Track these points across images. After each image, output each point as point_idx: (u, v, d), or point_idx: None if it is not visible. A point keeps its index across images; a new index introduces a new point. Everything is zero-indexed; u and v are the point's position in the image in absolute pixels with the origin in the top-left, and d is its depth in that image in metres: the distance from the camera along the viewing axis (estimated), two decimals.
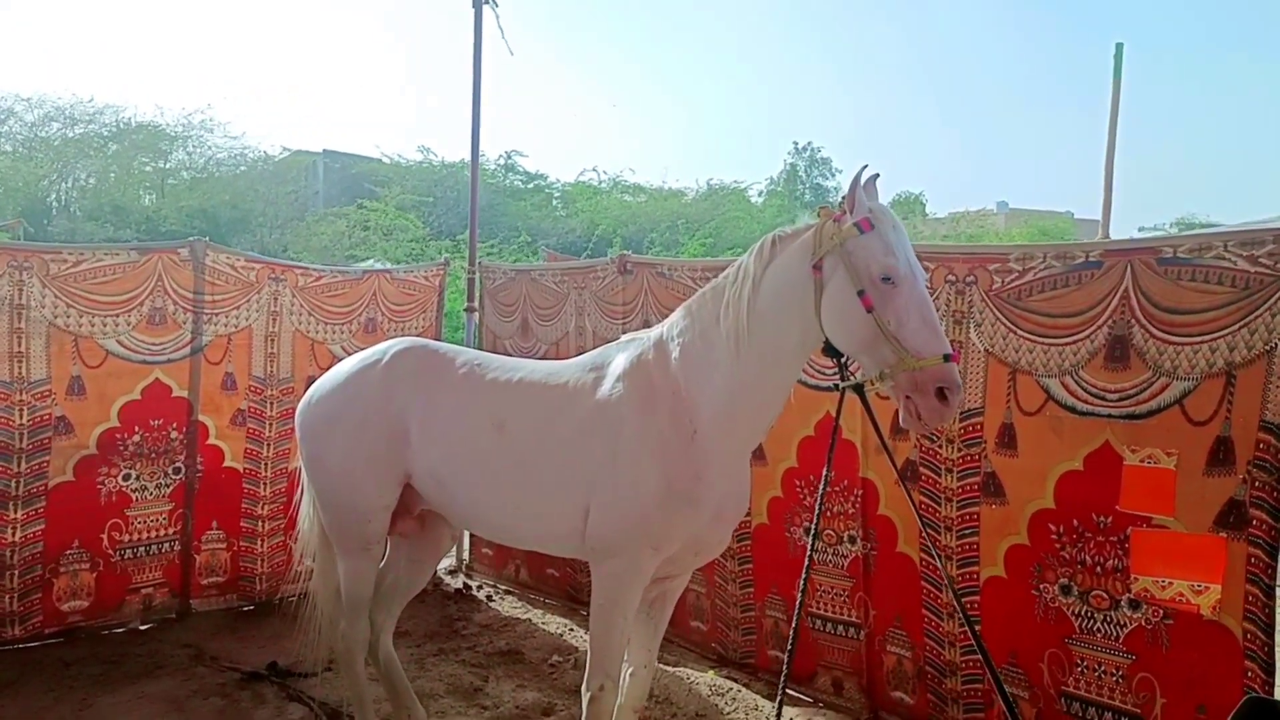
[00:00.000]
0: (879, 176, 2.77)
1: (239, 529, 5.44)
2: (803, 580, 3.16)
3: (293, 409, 4.27)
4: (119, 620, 5.09)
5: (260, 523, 5.49)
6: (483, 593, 6.06)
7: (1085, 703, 3.41)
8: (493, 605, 5.84)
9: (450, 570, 6.41)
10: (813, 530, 3.21)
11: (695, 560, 3.30)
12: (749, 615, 4.68)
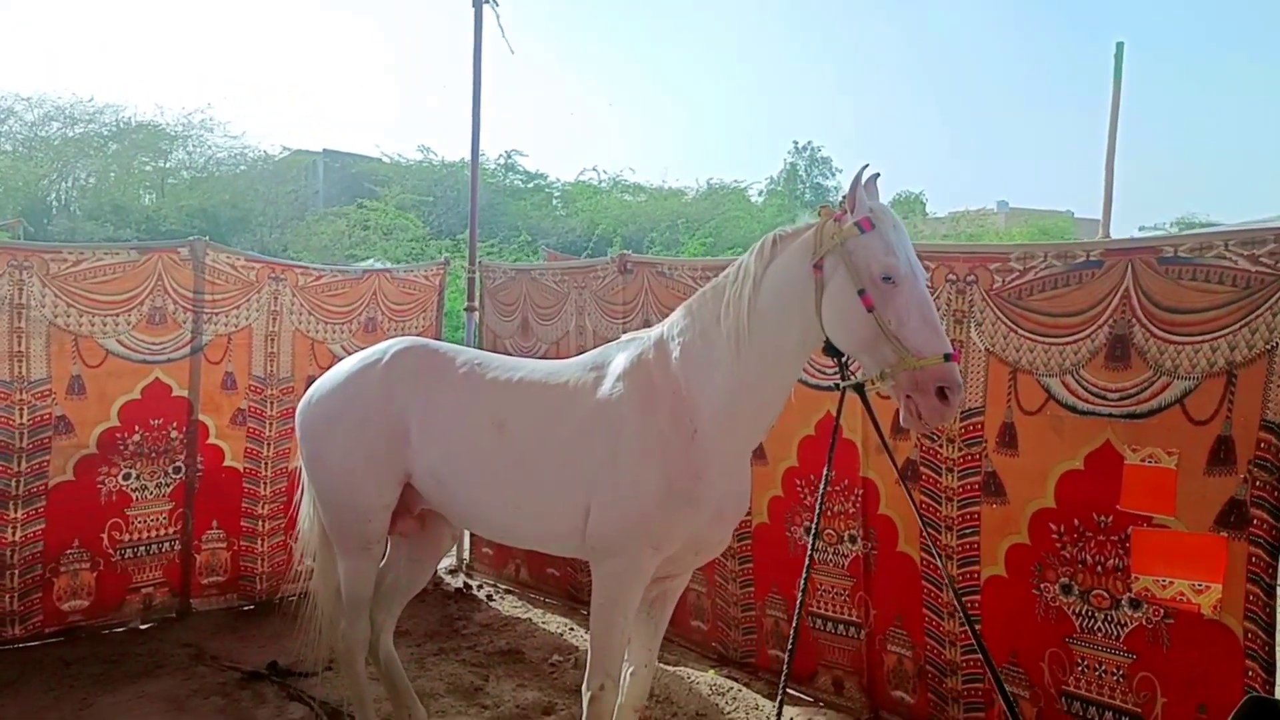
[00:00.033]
0: (879, 176, 2.77)
1: (239, 528, 5.44)
2: (803, 579, 3.16)
3: (293, 408, 4.27)
4: (119, 620, 5.09)
5: (260, 522, 5.49)
6: (483, 592, 6.06)
7: (1086, 702, 3.41)
8: (493, 605, 5.84)
9: (450, 570, 6.41)
10: (813, 529, 3.21)
11: (696, 560, 3.30)
12: (749, 614, 4.68)
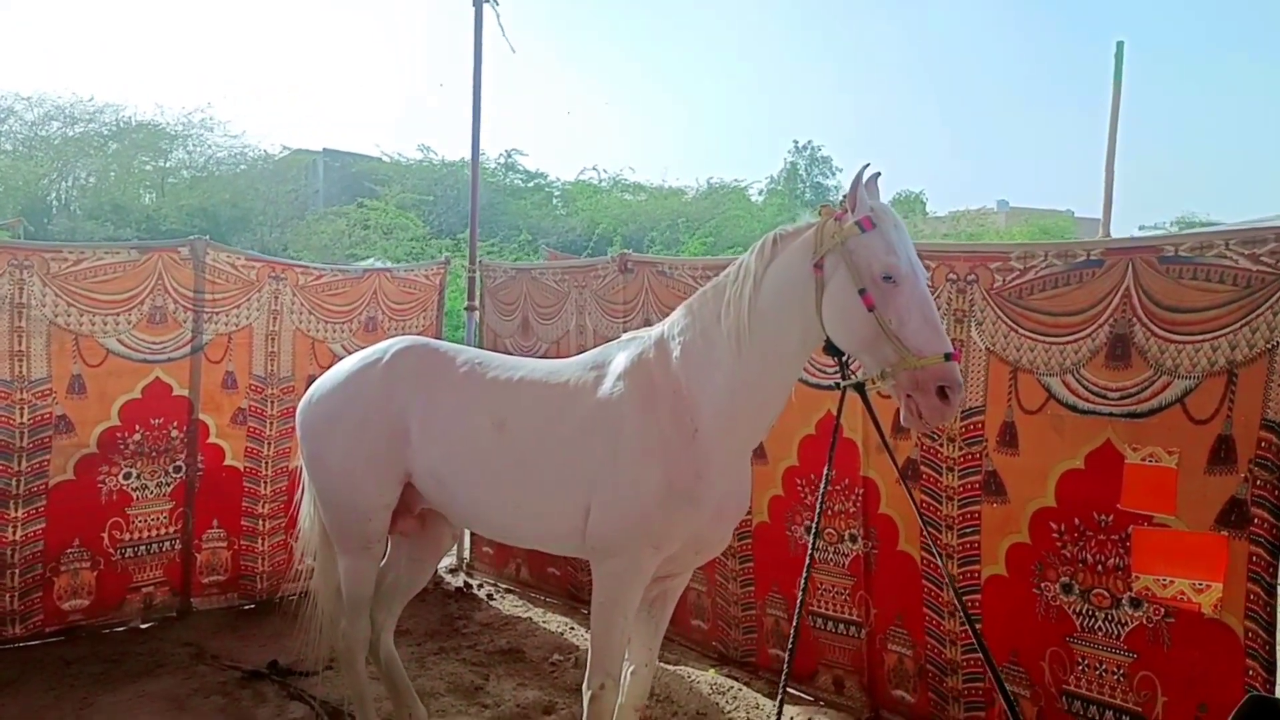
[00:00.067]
0: (880, 175, 2.76)
1: (240, 528, 5.44)
2: (804, 579, 3.16)
3: (293, 408, 4.27)
4: (120, 619, 5.09)
5: (261, 521, 5.49)
6: (483, 591, 6.06)
7: (1086, 701, 3.41)
8: (493, 604, 5.84)
9: (451, 569, 6.41)
10: (814, 529, 3.21)
11: (696, 559, 3.30)
12: (750, 614, 4.68)
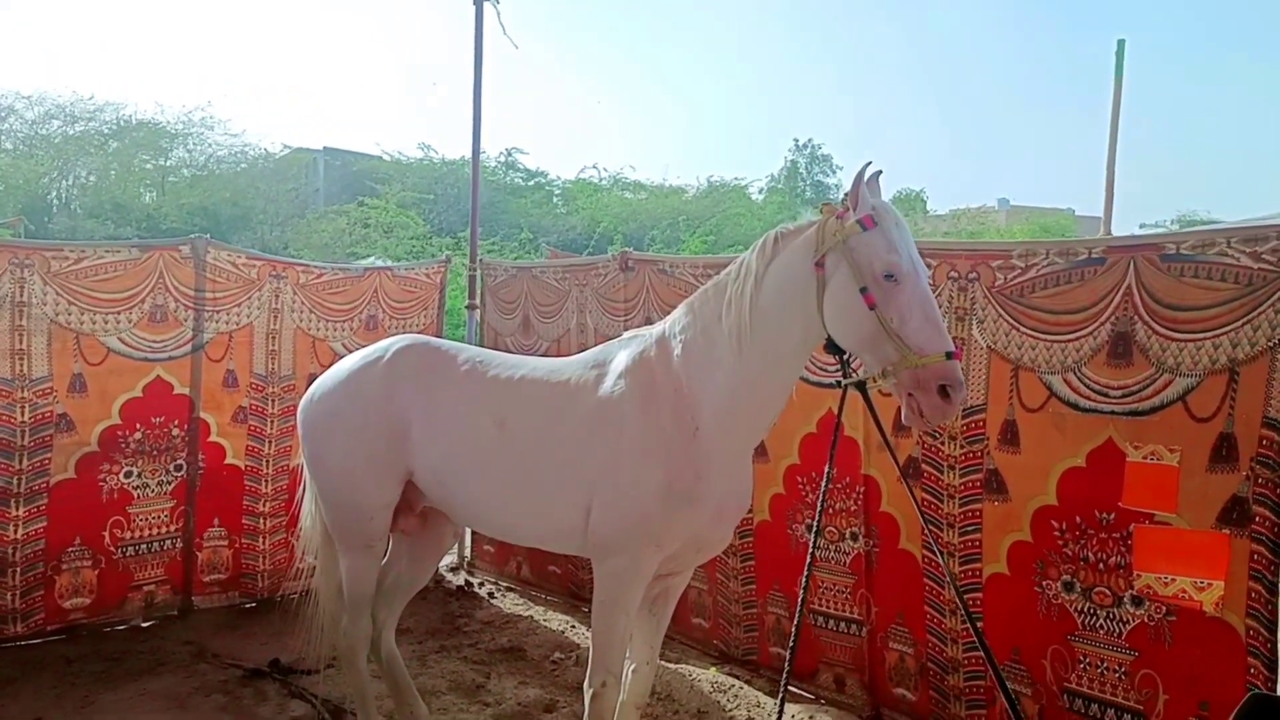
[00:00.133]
0: (882, 173, 2.76)
1: (241, 526, 5.44)
2: (805, 577, 3.16)
3: (294, 406, 4.27)
4: (121, 617, 5.10)
5: (262, 520, 5.49)
6: (484, 590, 6.06)
7: (1088, 699, 3.41)
8: (494, 602, 5.84)
9: (452, 567, 6.41)
10: (815, 527, 3.21)
11: (697, 557, 3.30)
12: (751, 612, 4.68)
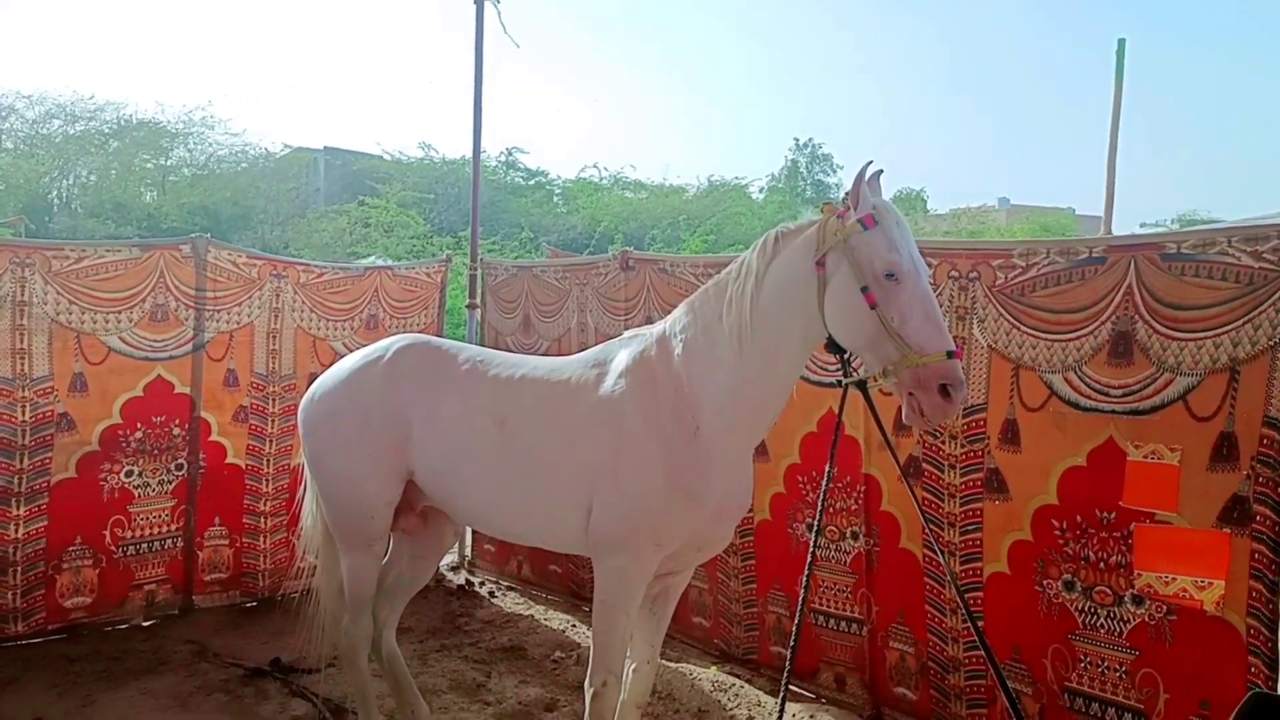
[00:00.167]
0: (882, 172, 2.76)
1: (241, 525, 5.44)
2: (805, 576, 3.15)
3: (295, 405, 4.27)
4: (122, 616, 5.10)
5: (263, 519, 5.49)
6: (485, 589, 6.06)
7: (1088, 698, 3.41)
8: (495, 601, 5.85)
9: (453, 566, 6.41)
10: (815, 526, 3.21)
11: (698, 556, 3.30)
12: (751, 611, 4.68)
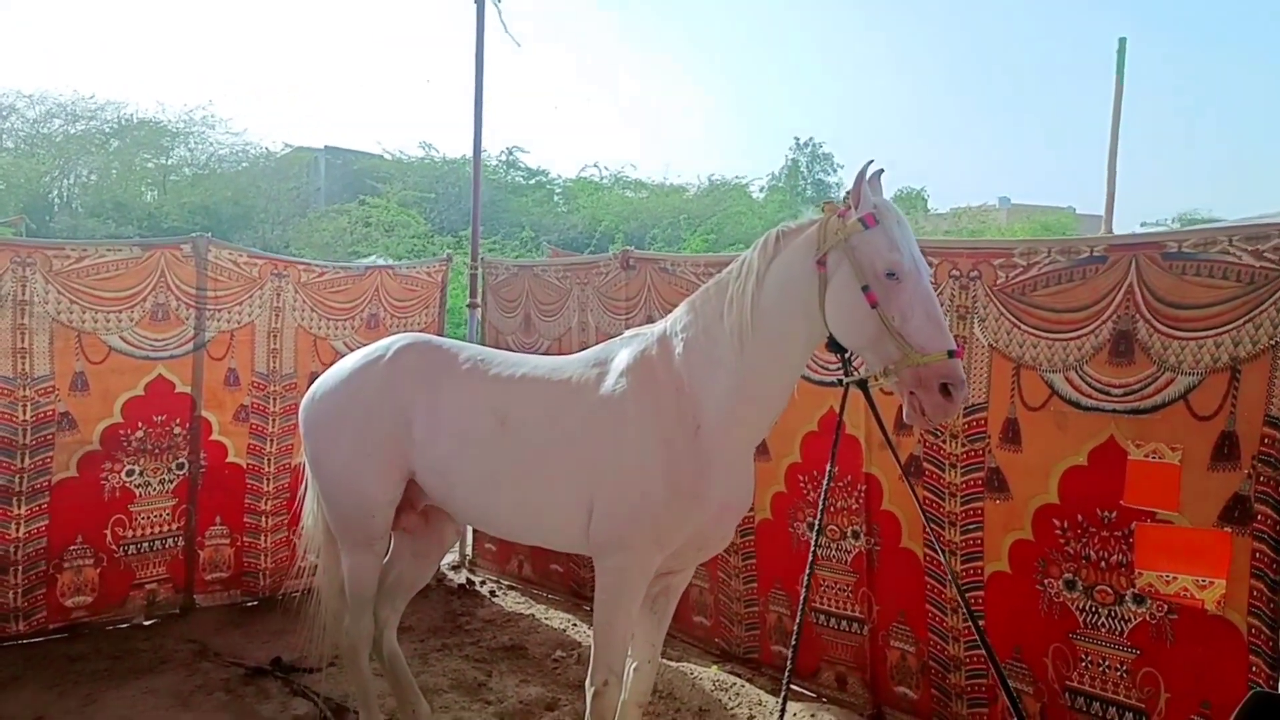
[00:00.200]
0: (883, 172, 2.76)
1: (243, 524, 5.44)
2: (806, 575, 3.15)
3: (296, 404, 4.27)
4: (123, 616, 5.09)
5: (264, 518, 5.49)
6: (486, 588, 6.06)
7: (1089, 698, 3.41)
8: (496, 600, 5.85)
9: (454, 565, 6.42)
10: (816, 525, 3.21)
11: (698, 556, 3.31)
12: (752, 610, 4.68)
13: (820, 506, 3.22)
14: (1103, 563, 3.35)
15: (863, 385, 2.84)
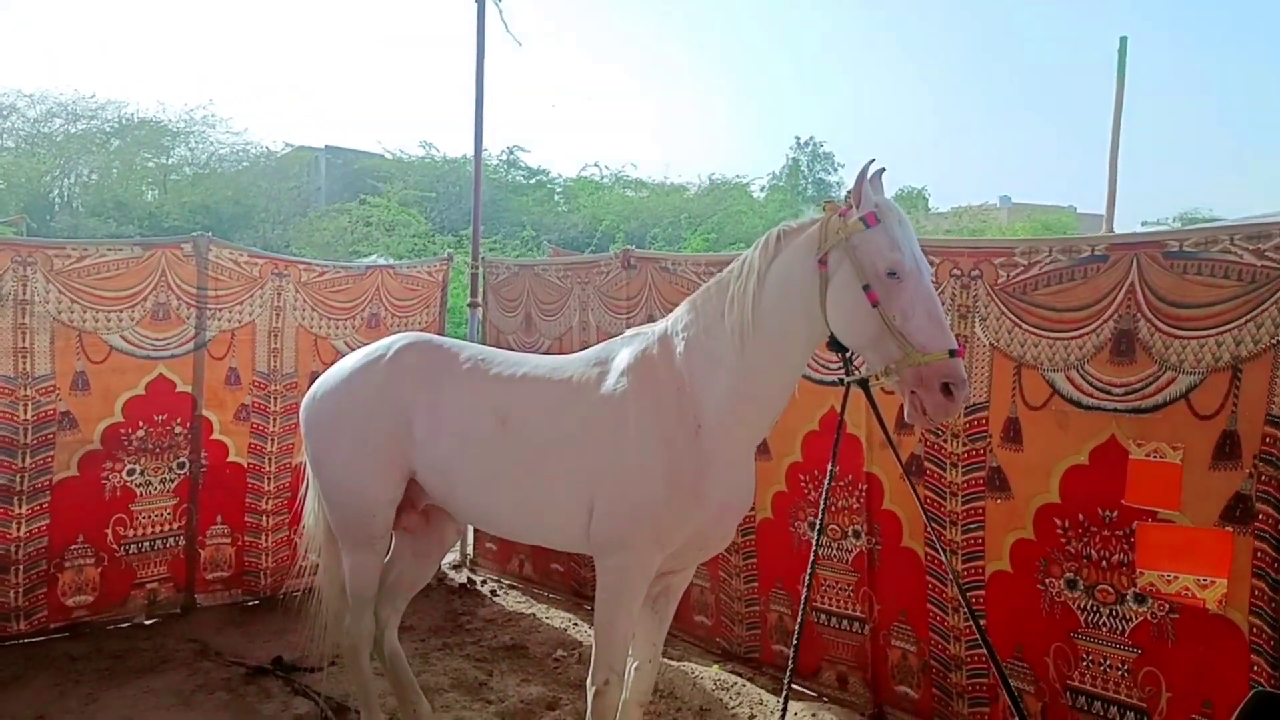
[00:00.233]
0: (884, 171, 2.76)
1: (243, 524, 5.44)
2: (807, 575, 3.15)
3: (296, 404, 4.27)
4: (124, 615, 5.10)
5: (265, 518, 5.49)
6: (487, 587, 6.06)
7: (1091, 697, 3.41)
8: (497, 600, 5.85)
9: (455, 565, 6.42)
10: (817, 525, 3.21)
11: (699, 555, 3.31)
12: (753, 610, 4.68)
13: (821, 506, 3.22)
14: (1104, 562, 3.35)
15: (864, 384, 2.84)
